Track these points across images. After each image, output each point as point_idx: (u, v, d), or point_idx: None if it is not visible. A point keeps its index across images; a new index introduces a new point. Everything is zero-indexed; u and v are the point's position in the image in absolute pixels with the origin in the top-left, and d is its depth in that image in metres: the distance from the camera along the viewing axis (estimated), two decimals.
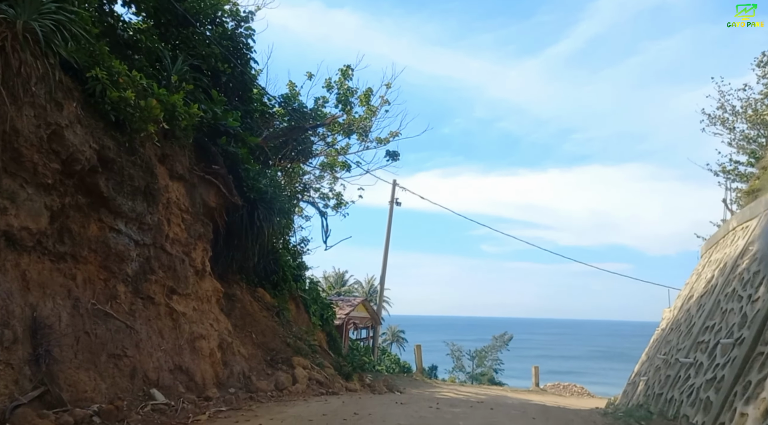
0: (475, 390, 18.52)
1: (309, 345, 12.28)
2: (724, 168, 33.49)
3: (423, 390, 16.68)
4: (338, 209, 20.49)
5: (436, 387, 19.09)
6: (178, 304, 7.94)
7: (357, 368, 15.11)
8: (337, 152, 17.64)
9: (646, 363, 9.77)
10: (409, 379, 20.28)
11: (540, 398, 19.13)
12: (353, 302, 20.05)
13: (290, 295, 15.31)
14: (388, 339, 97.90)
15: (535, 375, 21.80)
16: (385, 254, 21.51)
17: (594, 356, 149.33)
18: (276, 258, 14.81)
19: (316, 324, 16.13)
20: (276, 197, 12.07)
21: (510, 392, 20.23)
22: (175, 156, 8.92)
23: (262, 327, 11.52)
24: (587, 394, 23.66)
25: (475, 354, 68.16)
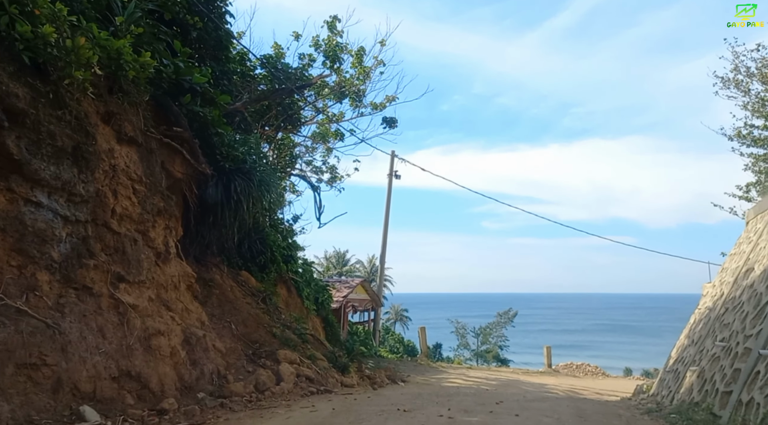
0: (485, 375, 17.19)
1: (300, 334, 10.83)
2: (740, 132, 31.79)
3: (429, 377, 15.32)
4: (333, 184, 18.96)
5: (442, 372, 17.76)
6: (127, 295, 6.42)
7: (355, 357, 13.71)
8: (329, 119, 15.97)
9: (691, 348, 8.31)
10: (414, 364, 18.96)
11: (555, 381, 17.82)
12: (351, 284, 18.63)
13: (280, 278, 13.85)
14: (392, 319, 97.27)
15: (547, 355, 20.49)
16: (385, 230, 20.01)
17: (598, 329, 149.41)
18: (263, 238, 13.30)
19: (310, 309, 14.70)
20: (257, 167, 10.48)
21: (522, 375, 18.92)
22: (124, 114, 7.31)
23: (243, 316, 10.05)
24: (602, 374, 22.41)
25: (479, 332, 67.28)
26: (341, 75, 14.41)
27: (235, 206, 9.96)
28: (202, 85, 9.15)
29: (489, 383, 15.04)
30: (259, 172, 10.50)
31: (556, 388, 15.55)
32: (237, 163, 10.08)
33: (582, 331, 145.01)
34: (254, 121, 12.72)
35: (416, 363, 19.17)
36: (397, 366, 17.74)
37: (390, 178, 20.18)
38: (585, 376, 21.32)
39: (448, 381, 14.88)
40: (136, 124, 7.58)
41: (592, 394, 14.86)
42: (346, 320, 18.93)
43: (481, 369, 20.34)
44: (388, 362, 18.33)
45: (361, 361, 15.07)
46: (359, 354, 15.97)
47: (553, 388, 15.50)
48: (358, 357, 15.81)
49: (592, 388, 16.40)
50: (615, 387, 17.63)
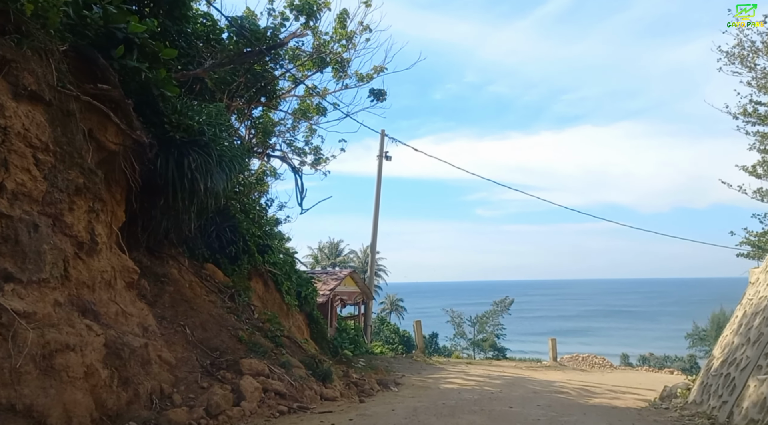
0: (487, 373, 15.68)
1: (273, 336, 9.20)
2: (745, 109, 30.19)
3: (426, 378, 13.77)
4: (317, 167, 17.27)
5: (440, 370, 16.23)
6: (16, 299, 4.75)
7: (342, 358, 12.13)
8: (309, 91, 14.24)
9: (748, 348, 6.77)
10: (409, 361, 17.42)
11: (562, 376, 16.35)
12: (339, 275, 17.01)
13: (255, 271, 12.21)
14: (387, 309, 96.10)
15: (552, 348, 19.04)
16: (375, 216, 18.38)
17: (594, 315, 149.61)
18: (234, 225, 11.63)
19: (291, 306, 13.09)
20: (218, 140, 8.78)
21: (526, 370, 17.44)
22: (24, 63, 5.60)
23: (203, 318, 8.40)
24: (609, 365, 21.03)
25: (476, 320, 66.17)
26: (319, 37, 12.68)
27: (190, 186, 8.28)
28: (140, 36, 7.42)
29: (492, 383, 13.53)
30: (221, 146, 8.81)
31: (565, 386, 14.06)
32: (192, 134, 8.37)
33: (578, 317, 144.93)
34: (220, 92, 10.98)
35: (411, 360, 17.64)
36: (390, 365, 16.19)
37: (380, 159, 18.49)
38: (592, 369, 19.92)
39: (447, 381, 13.34)
40: (44, 78, 5.86)
41: (606, 393, 13.39)
42: (334, 315, 17.36)
43: (481, 365, 18.87)
44: (380, 360, 16.79)
45: (349, 363, 13.52)
46: (347, 355, 14.42)
47: (562, 386, 14.01)
48: (347, 358, 14.25)
49: (604, 385, 14.93)
50: (627, 381, 16.20)
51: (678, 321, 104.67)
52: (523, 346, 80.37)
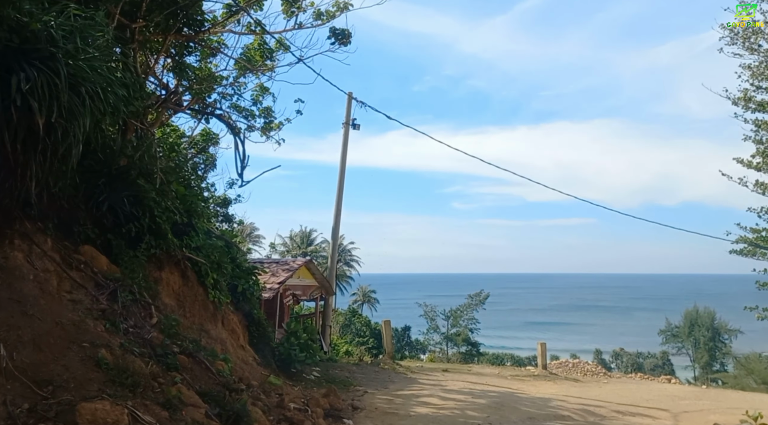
0: (469, 387, 12.96)
1: (163, 355, 6.17)
2: (746, 94, 27.86)
3: (393, 397, 10.94)
4: (268, 133, 14.25)
5: (411, 382, 13.44)
6: None
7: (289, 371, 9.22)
8: (250, 29, 11.14)
9: None
10: (375, 370, 14.59)
11: (557, 390, 13.75)
12: (292, 265, 13.97)
13: (168, 259, 9.15)
14: (359, 300, 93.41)
15: (541, 354, 16.44)
16: (339, 193, 15.42)
17: (567, 309, 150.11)
18: (136, 196, 8.52)
19: (221, 304, 10.08)
20: (75, 54, 5.69)
21: (514, 381, 14.78)
22: None
23: (44, 328, 5.36)
24: (603, 373, 18.59)
25: (450, 314, 63.90)
26: None
27: (20, 120, 5.21)
28: None
29: (476, 403, 10.79)
30: (82, 65, 5.71)
31: (564, 406, 11.45)
32: (24, 39, 5.29)
33: (551, 310, 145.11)
34: None
35: (378, 369, 14.82)
36: (352, 375, 13.34)
37: (346, 127, 15.49)
38: (584, 377, 17.41)
39: (419, 402, 10.54)
40: None
41: (615, 417, 10.82)
42: (286, 314, 14.40)
43: (460, 371, 16.16)
44: (340, 369, 13.91)
45: (299, 376, 10.63)
46: (296, 366, 11.50)
47: (561, 406, 11.39)
48: (296, 369, 11.34)
49: (607, 403, 12.38)
50: (630, 396, 13.71)
51: (650, 317, 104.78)
52: (497, 342, 78.85)
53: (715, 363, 64.29)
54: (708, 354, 64.30)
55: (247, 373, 9.61)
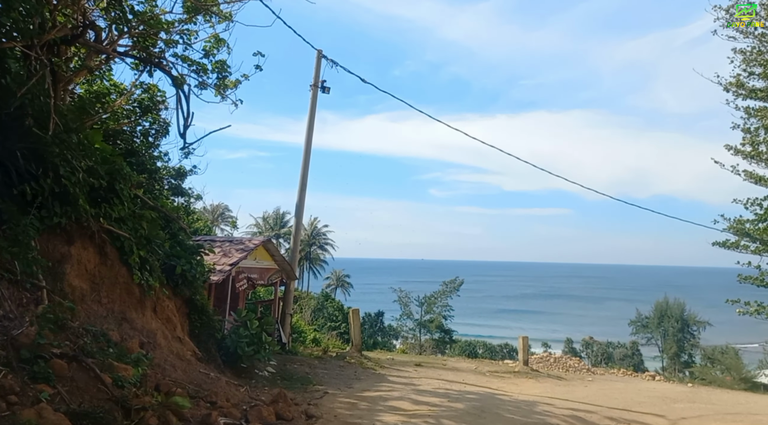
0: (444, 386, 11.48)
1: (27, 361, 4.43)
2: (739, 79, 26.73)
3: (357, 400, 9.39)
4: (223, 91, 12.37)
5: (380, 379, 11.91)
6: None
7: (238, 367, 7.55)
8: None
9: None
10: (340, 364, 13.01)
11: (541, 390, 12.40)
12: (247, 245, 12.13)
13: (81, 231, 7.33)
14: (333, 285, 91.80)
15: (523, 349, 15.06)
16: (305, 164, 13.60)
17: (541, 296, 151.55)
18: (34, 149, 6.66)
19: (149, 288, 8.31)
20: None
21: (494, 379, 13.38)
22: None
23: None
24: (586, 369, 17.40)
25: (423, 301, 62.92)
26: None
27: None
28: None
29: (453, 408, 9.31)
30: None
31: (552, 411, 10.07)
32: None
33: (524, 298, 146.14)
34: None
35: (344, 363, 13.23)
36: (312, 372, 11.74)
37: (314, 89, 13.60)
38: (567, 373, 16.17)
39: (387, 407, 9.00)
40: None
41: (607, 423, 9.49)
42: (241, 300, 12.67)
43: (434, 366, 14.69)
44: (300, 364, 12.29)
45: (249, 373, 9.01)
46: (246, 361, 9.85)
47: (548, 411, 10.01)
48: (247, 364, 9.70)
49: (598, 406, 11.07)
50: (619, 397, 12.48)
51: (620, 307, 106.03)
52: (470, 330, 78.42)
53: (683, 354, 64.88)
54: (676, 345, 64.76)
55: (179, 374, 7.92)
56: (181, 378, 8.02)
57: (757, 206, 25.69)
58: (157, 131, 16.23)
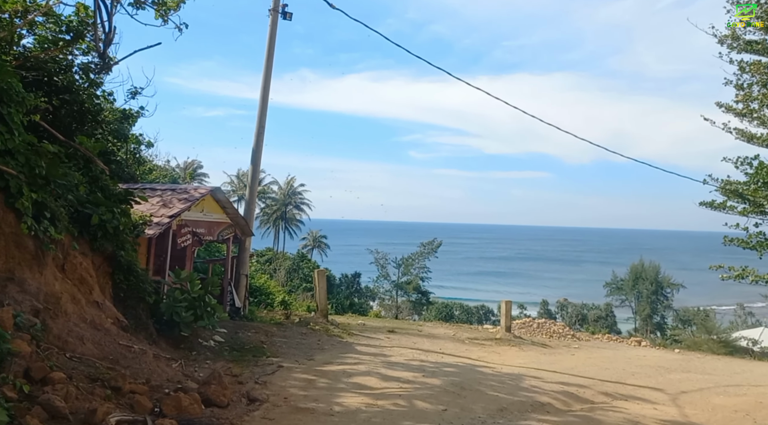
0: (419, 358, 10.12)
1: None
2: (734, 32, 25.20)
3: (315, 376, 7.95)
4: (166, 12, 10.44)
5: (346, 348, 10.51)
6: None
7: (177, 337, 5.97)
8: None
9: None
10: (302, 331, 11.54)
11: (526, 360, 11.17)
12: (192, 195, 10.27)
13: None
14: (309, 245, 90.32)
15: (505, 315, 13.79)
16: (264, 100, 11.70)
17: (518, 258, 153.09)
18: None
19: (51, 240, 6.57)
20: None
21: (474, 347, 12.11)
22: None
23: None
24: (571, 335, 16.32)
25: (401, 262, 62.04)
26: None
27: None
28: None
29: (428, 385, 7.95)
30: None
31: (540, 386, 8.82)
32: None
33: (502, 259, 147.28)
34: None
35: (307, 329, 11.77)
36: (269, 341, 10.26)
37: (274, 14, 11.50)
38: (551, 340, 15.06)
39: (350, 384, 7.58)
40: None
41: (605, 402, 8.31)
42: (190, 258, 10.97)
43: (409, 334, 13.35)
44: (256, 331, 10.78)
45: (190, 344, 7.48)
46: (185, 330, 8.29)
47: (535, 387, 8.74)
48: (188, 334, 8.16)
49: (589, 379, 9.89)
50: (610, 367, 11.35)
51: (595, 269, 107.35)
52: (447, 292, 78.31)
53: (656, 316, 65.80)
54: (650, 306, 65.57)
55: (88, 347, 6.32)
56: (91, 353, 6.43)
57: (747, 165, 24.81)
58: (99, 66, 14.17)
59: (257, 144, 11.93)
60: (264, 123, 11.94)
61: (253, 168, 12.22)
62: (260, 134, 11.92)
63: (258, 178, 12.15)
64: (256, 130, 11.95)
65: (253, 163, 12.21)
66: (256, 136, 11.95)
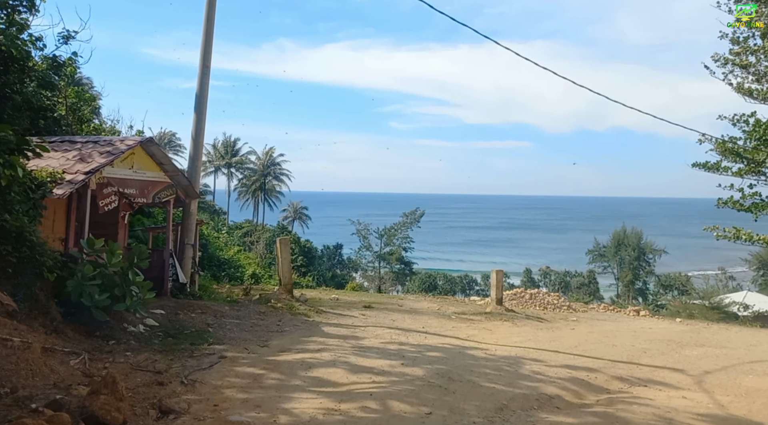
0: (400, 341, 8.50)
1: None
2: None
3: (267, 369, 6.27)
4: None
5: (310, 329, 8.85)
6: None
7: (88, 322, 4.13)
8: None
9: None
10: (260, 310, 9.80)
11: (521, 337, 9.64)
12: (117, 147, 8.25)
13: None
14: (290, 217, 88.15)
15: (496, 286, 12.20)
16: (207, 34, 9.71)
17: (501, 227, 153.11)
18: None
19: None
20: None
21: (462, 323, 10.54)
22: None
23: None
24: (566, 306, 14.91)
25: (383, 233, 60.51)
26: None
27: None
28: None
29: (408, 375, 6.33)
30: None
31: (543, 372, 7.29)
32: None
33: (485, 229, 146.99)
34: None
35: (267, 307, 10.04)
36: (217, 322, 8.53)
37: None
38: (546, 312, 13.61)
39: (310, 378, 5.90)
40: None
41: (622, 392, 6.84)
42: (122, 226, 9.07)
43: (388, 309, 11.73)
44: (203, 311, 9.01)
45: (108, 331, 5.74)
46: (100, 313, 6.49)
47: (538, 373, 7.21)
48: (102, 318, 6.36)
49: (598, 360, 8.42)
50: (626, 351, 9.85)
51: (577, 236, 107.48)
52: (430, 264, 77.30)
53: (638, 282, 65.84)
54: (632, 273, 65.57)
55: None
56: None
57: (743, 123, 23.61)
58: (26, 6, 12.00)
59: (201, 86, 9.92)
60: (209, 61, 9.89)
61: (197, 116, 10.21)
62: (204, 75, 9.90)
63: (204, 128, 10.16)
64: (200, 71, 9.91)
65: (197, 111, 10.18)
66: (199, 78, 9.93)
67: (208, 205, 70.23)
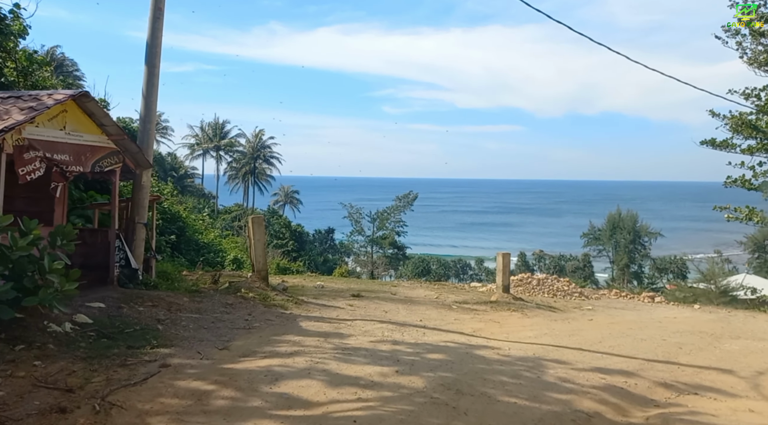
0: (393, 334, 7.04)
1: None
2: None
3: (219, 384, 4.73)
4: None
5: (288, 322, 7.35)
6: None
7: None
8: None
9: None
10: (227, 302, 8.26)
11: (535, 331, 8.20)
12: (43, 101, 6.62)
13: None
14: (281, 201, 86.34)
15: (503, 272, 10.71)
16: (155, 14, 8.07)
17: (494, 211, 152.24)
18: None
19: None
20: None
21: (466, 314, 9.08)
22: None
23: None
24: (578, 293, 13.51)
25: (376, 216, 58.89)
26: None
27: None
28: None
29: (404, 389, 4.84)
30: None
31: (573, 381, 5.83)
32: None
33: (478, 212, 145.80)
34: None
35: (237, 297, 8.51)
36: (170, 319, 6.99)
37: None
38: (556, 300, 12.19)
39: (274, 393, 4.39)
40: None
41: (668, 398, 5.41)
42: (60, 203, 7.45)
43: (379, 299, 10.24)
44: (153, 304, 7.45)
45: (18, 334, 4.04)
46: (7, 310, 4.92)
47: (566, 380, 5.78)
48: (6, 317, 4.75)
49: (637, 365, 7.00)
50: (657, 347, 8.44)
51: (571, 220, 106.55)
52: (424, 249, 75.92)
53: (633, 265, 65.03)
54: (627, 256, 64.64)
55: None
56: None
57: (754, 97, 22.33)
58: None
59: (153, 33, 8.21)
60: (162, 3, 8.18)
61: (149, 70, 8.47)
62: (157, 19, 8.19)
63: (156, 84, 8.48)
64: (151, 14, 8.21)
65: (148, 63, 8.44)
66: (150, 22, 8.22)
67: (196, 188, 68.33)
